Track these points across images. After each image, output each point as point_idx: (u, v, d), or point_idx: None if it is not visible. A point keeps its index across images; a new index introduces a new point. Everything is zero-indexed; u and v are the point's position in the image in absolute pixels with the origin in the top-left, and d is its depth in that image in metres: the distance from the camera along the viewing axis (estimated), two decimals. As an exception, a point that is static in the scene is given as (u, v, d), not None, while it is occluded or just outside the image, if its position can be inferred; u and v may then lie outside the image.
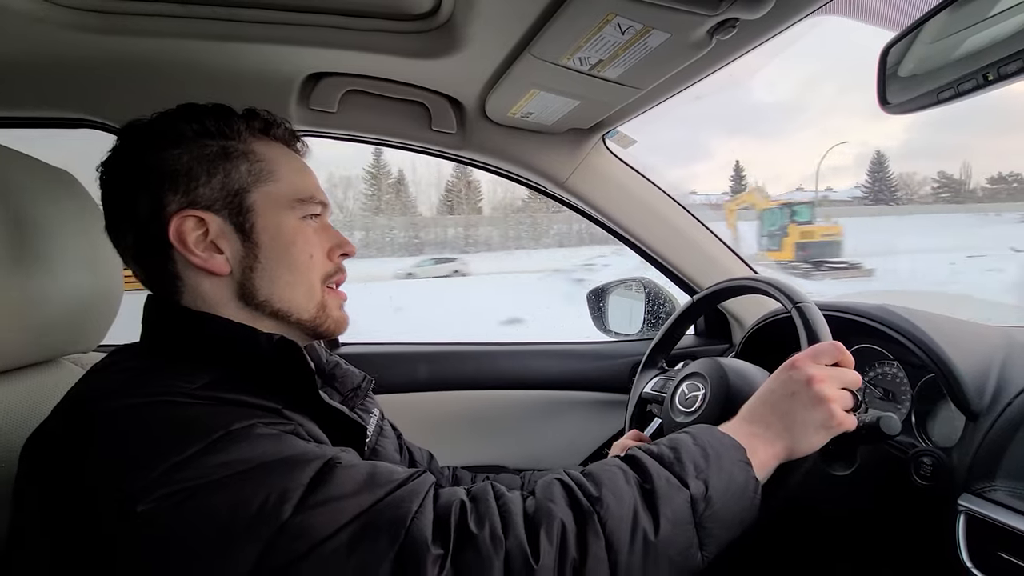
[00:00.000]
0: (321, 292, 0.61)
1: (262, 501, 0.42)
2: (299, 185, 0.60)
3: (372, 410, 0.75)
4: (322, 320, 0.61)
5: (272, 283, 0.58)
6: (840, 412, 0.59)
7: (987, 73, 0.45)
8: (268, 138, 0.62)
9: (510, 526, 0.46)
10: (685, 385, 0.81)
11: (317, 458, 0.46)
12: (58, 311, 0.64)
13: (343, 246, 0.64)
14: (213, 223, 0.56)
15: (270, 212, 0.58)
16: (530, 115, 0.97)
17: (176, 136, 0.56)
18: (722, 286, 0.91)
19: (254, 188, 0.58)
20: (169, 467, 0.41)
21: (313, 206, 0.61)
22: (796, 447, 0.58)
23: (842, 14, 0.63)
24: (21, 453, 0.47)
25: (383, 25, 0.81)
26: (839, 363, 0.62)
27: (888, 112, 0.57)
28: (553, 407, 1.31)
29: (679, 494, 0.51)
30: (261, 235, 0.57)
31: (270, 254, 0.58)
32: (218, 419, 0.45)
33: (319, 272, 0.61)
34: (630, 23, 0.64)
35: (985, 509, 0.61)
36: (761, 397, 0.62)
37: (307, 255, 0.60)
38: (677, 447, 0.55)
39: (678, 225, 1.20)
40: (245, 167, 0.58)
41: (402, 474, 0.49)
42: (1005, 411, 0.67)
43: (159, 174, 0.55)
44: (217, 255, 0.56)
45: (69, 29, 0.75)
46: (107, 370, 0.53)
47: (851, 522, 0.83)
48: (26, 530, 0.45)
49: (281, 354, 0.54)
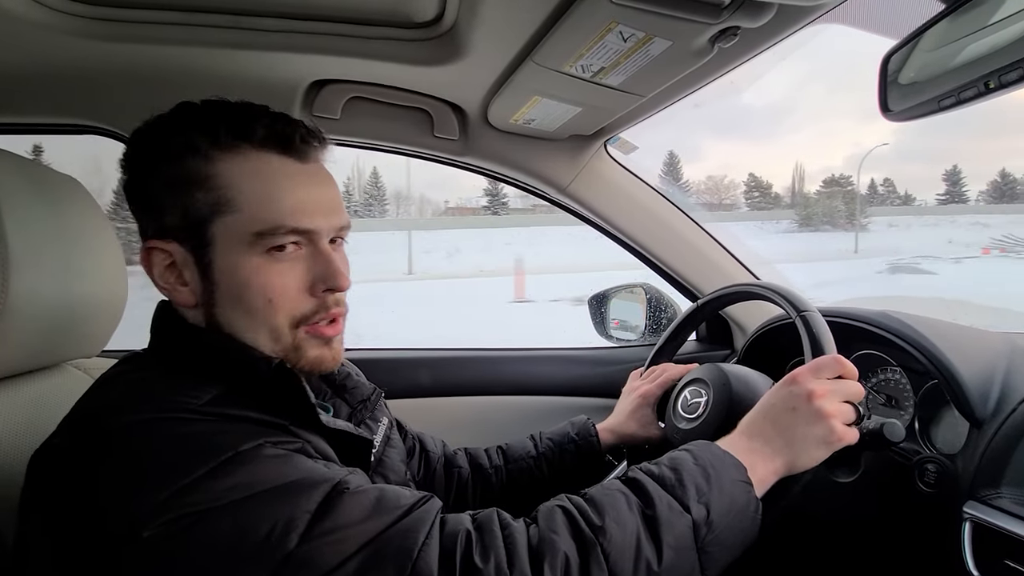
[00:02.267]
0: (292, 335, 0.54)
1: (268, 529, 0.41)
2: (262, 214, 0.51)
3: (381, 419, 0.74)
4: (294, 360, 0.55)
5: (231, 324, 0.53)
6: (840, 427, 0.59)
7: (988, 81, 0.46)
8: (245, 145, 0.52)
9: (515, 560, 0.46)
10: (687, 391, 0.81)
11: (325, 481, 0.45)
12: (62, 316, 0.64)
13: (328, 280, 0.54)
14: (177, 254, 0.53)
15: (227, 248, 0.52)
16: (532, 122, 0.98)
17: (146, 158, 0.53)
18: (725, 292, 0.91)
19: (214, 219, 0.51)
20: (176, 491, 0.41)
21: (280, 237, 0.52)
22: (796, 462, 0.58)
23: (842, 22, 0.63)
24: (28, 465, 0.47)
25: (387, 33, 0.81)
26: (841, 376, 0.62)
27: (890, 119, 0.58)
28: (555, 413, 1.31)
29: (681, 520, 0.50)
30: (217, 273, 0.52)
31: (225, 295, 0.52)
32: (225, 439, 0.45)
33: (286, 315, 0.53)
34: (632, 31, 0.64)
35: (990, 516, 0.61)
36: (762, 411, 0.62)
37: (264, 300, 0.52)
38: (678, 468, 0.55)
39: (680, 231, 1.21)
40: (201, 195, 0.51)
41: (409, 499, 0.48)
42: (1009, 418, 0.66)
43: (137, 199, 0.55)
44: (182, 287, 0.53)
45: (74, 36, 0.76)
46: (115, 381, 0.52)
47: (855, 529, 0.83)
48: (31, 545, 0.45)
49: (279, 380, 0.51)
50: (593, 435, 0.88)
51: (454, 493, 0.85)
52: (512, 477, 0.86)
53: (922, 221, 34.07)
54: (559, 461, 0.87)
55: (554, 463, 0.87)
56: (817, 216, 38.57)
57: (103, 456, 0.44)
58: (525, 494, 0.86)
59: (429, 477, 0.85)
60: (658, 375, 0.92)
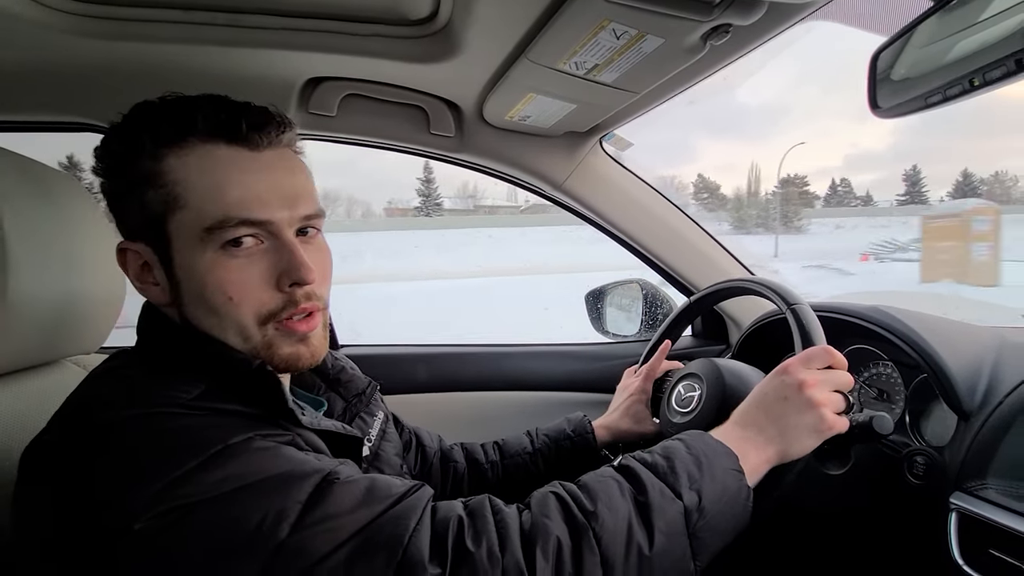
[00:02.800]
0: (260, 332, 0.52)
1: (260, 520, 0.41)
2: (209, 208, 0.49)
3: (376, 413, 0.74)
4: (268, 358, 0.53)
5: (201, 322, 0.52)
6: (831, 416, 0.60)
7: (973, 79, 0.46)
8: (194, 139, 0.50)
9: (507, 543, 0.46)
10: (681, 386, 0.82)
11: (315, 472, 0.46)
12: (60, 313, 0.65)
13: (292, 273, 0.51)
14: (146, 254, 0.53)
15: (183, 245, 0.51)
16: (527, 118, 0.98)
17: (111, 158, 0.53)
18: (719, 287, 0.92)
19: (168, 217, 0.50)
20: (168, 483, 0.41)
21: (231, 230, 0.50)
22: (788, 451, 0.59)
23: (833, 19, 0.64)
24: (21, 460, 0.47)
25: (382, 30, 0.81)
26: (831, 366, 0.63)
27: (878, 116, 0.58)
28: (551, 408, 1.31)
29: (673, 506, 0.51)
30: (178, 272, 0.51)
31: (188, 293, 0.52)
32: (216, 432, 0.45)
33: (250, 311, 0.51)
34: (625, 28, 0.65)
35: (976, 507, 0.62)
36: (754, 401, 0.63)
37: (223, 297, 0.50)
38: (671, 456, 0.55)
39: (674, 227, 1.21)
40: (151, 193, 0.50)
41: (400, 488, 0.48)
42: (996, 410, 0.67)
43: (108, 200, 0.55)
44: (154, 286, 0.54)
45: (70, 34, 0.76)
46: (104, 377, 0.52)
47: (845, 521, 0.84)
48: (26, 539, 0.45)
49: (257, 381, 0.50)
50: (589, 431, 0.89)
51: (450, 487, 0.86)
52: (508, 472, 0.87)
53: (872, 222, 33.57)
54: (555, 457, 0.87)
55: (550, 459, 0.87)
56: (751, 218, 39.04)
57: (94, 450, 0.44)
58: (521, 489, 0.86)
59: (425, 471, 0.86)
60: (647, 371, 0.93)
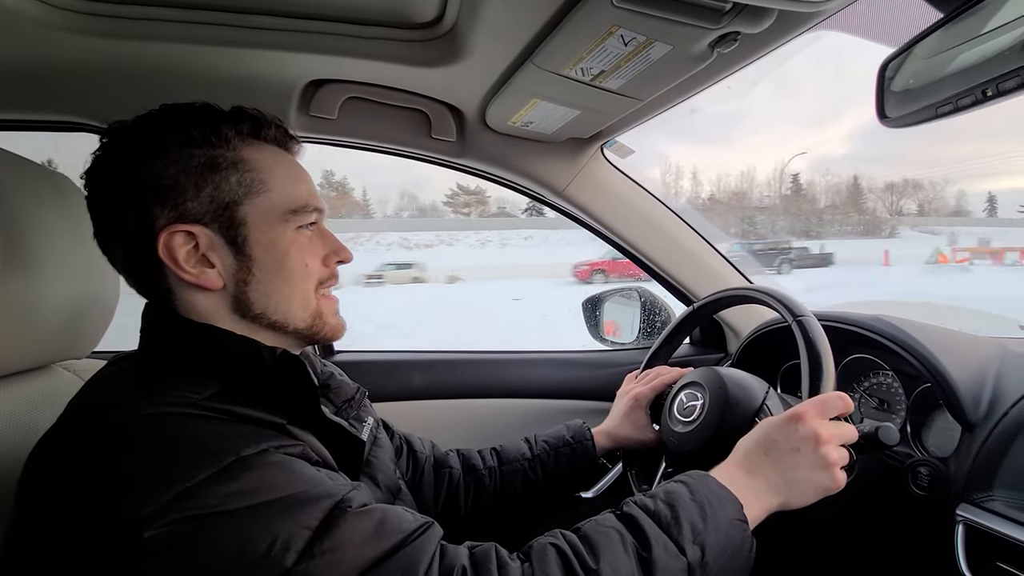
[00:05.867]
0: (316, 300, 0.60)
1: (268, 544, 0.41)
2: (292, 195, 0.58)
3: (366, 419, 0.74)
4: (319, 328, 0.60)
5: (267, 295, 0.56)
6: (841, 476, 0.60)
7: (986, 89, 0.46)
8: (259, 141, 0.59)
9: None
10: (683, 394, 0.81)
11: (328, 496, 0.46)
12: (52, 317, 0.63)
13: (339, 252, 0.62)
14: (203, 237, 0.54)
15: (263, 225, 0.56)
16: (530, 124, 0.98)
17: (160, 146, 0.54)
18: (721, 295, 0.91)
19: (245, 200, 0.55)
20: (178, 493, 0.41)
21: (307, 215, 0.59)
22: (791, 502, 0.59)
23: (841, 29, 0.64)
24: (27, 461, 0.46)
25: (386, 33, 0.81)
26: (841, 413, 0.62)
27: (887, 126, 0.58)
28: (549, 415, 1.30)
29: (676, 562, 0.51)
30: (254, 248, 0.55)
31: (265, 267, 0.56)
32: (229, 442, 0.45)
33: (314, 280, 0.59)
34: (633, 35, 0.65)
35: (983, 519, 0.62)
36: (762, 446, 0.61)
37: (302, 264, 0.58)
38: (674, 504, 0.55)
39: (675, 235, 1.21)
40: (235, 178, 0.55)
41: (411, 524, 0.49)
42: (1001, 421, 0.67)
43: (145, 187, 0.53)
44: (209, 270, 0.54)
45: (70, 32, 0.74)
46: (114, 378, 0.52)
47: (848, 532, 0.83)
48: (30, 540, 0.44)
49: (285, 369, 0.53)
50: (588, 438, 0.88)
51: (444, 494, 0.85)
52: (506, 479, 0.86)
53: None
54: (554, 464, 0.87)
55: (548, 466, 0.87)
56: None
57: (106, 451, 0.43)
58: (519, 496, 0.86)
59: (417, 477, 0.84)
60: (652, 378, 0.92)
